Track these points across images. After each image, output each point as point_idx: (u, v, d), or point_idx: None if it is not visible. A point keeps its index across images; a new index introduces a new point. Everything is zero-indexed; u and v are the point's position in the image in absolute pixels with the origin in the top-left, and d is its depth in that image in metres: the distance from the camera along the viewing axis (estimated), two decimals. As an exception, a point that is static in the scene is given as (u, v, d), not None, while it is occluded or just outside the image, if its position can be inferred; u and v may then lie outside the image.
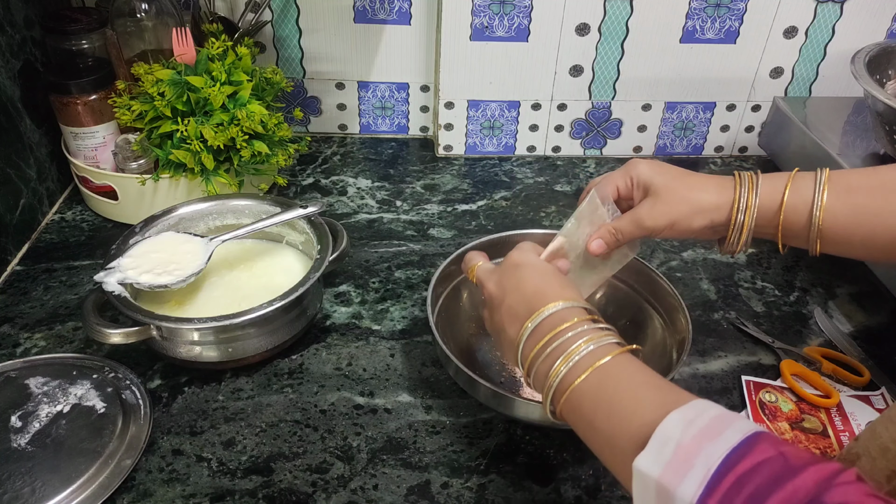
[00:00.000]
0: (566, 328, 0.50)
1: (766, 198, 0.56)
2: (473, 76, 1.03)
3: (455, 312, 0.75)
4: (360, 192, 1.01)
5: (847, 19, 1.01)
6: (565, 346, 0.49)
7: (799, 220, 0.55)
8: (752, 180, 0.56)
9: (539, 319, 0.51)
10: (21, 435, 0.62)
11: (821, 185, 0.53)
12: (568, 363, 0.48)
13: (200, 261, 0.73)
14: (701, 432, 0.38)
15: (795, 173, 0.55)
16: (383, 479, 0.62)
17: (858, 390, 0.72)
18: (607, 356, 0.47)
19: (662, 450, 0.39)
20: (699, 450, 0.37)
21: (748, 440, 0.36)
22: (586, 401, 0.47)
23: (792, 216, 0.55)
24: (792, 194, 0.55)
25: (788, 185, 0.55)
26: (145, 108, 0.84)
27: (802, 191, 0.54)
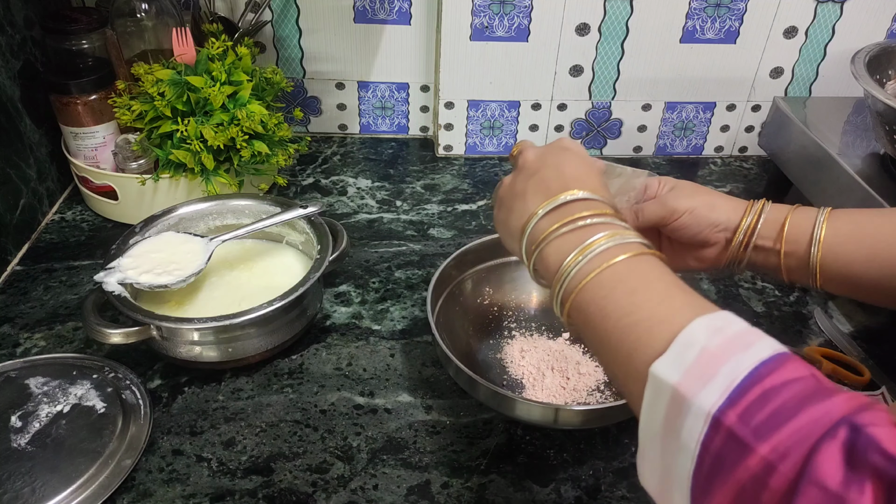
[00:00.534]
0: (590, 215, 0.45)
1: (771, 216, 0.56)
2: (473, 76, 1.03)
3: (455, 312, 0.75)
4: (360, 192, 1.01)
5: (847, 19, 1.01)
6: (584, 235, 0.44)
7: (801, 239, 0.54)
8: (762, 202, 0.57)
9: (566, 199, 0.46)
10: (21, 435, 0.62)
11: (823, 211, 0.54)
12: (585, 255, 0.43)
13: (200, 261, 0.73)
14: (729, 340, 0.35)
15: (798, 206, 0.57)
16: (383, 479, 0.62)
17: (858, 390, 0.72)
18: (628, 253, 0.42)
19: (684, 354, 0.35)
20: (725, 358, 0.34)
21: (779, 356, 0.34)
22: (600, 298, 0.42)
23: (794, 232, 0.55)
24: (795, 213, 0.55)
25: (792, 209, 0.56)
26: (145, 108, 0.84)
27: (806, 212, 0.55)
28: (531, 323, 0.78)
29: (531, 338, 0.76)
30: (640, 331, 0.39)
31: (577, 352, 0.74)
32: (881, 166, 0.85)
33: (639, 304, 0.40)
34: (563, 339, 0.76)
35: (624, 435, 0.67)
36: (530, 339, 0.76)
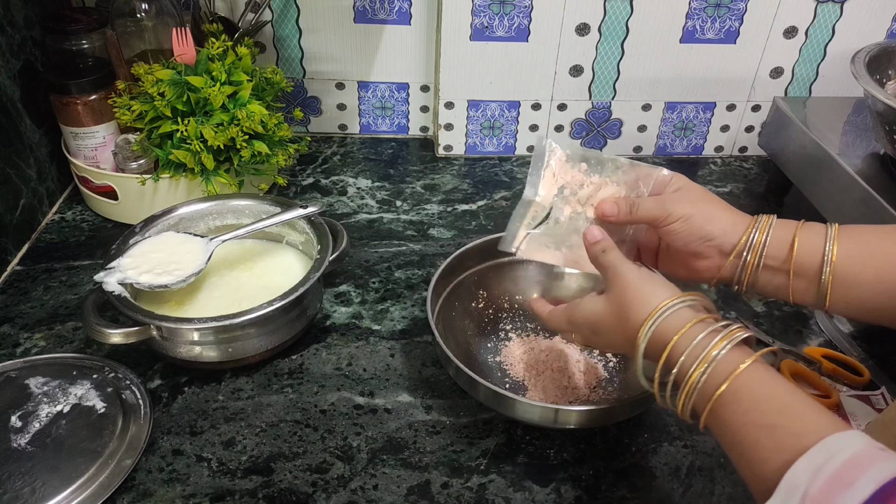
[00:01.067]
0: (678, 343, 0.48)
1: (776, 235, 0.54)
2: (473, 76, 1.03)
3: (455, 312, 0.75)
4: (360, 192, 1.01)
5: (847, 19, 1.01)
6: (694, 353, 0.47)
7: (811, 260, 0.53)
8: (768, 220, 0.55)
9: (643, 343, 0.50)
10: (21, 435, 0.62)
11: (832, 229, 0.53)
12: (704, 373, 0.46)
13: (200, 261, 0.73)
14: (830, 480, 0.36)
15: (803, 222, 0.55)
16: (383, 479, 0.62)
17: (858, 390, 0.72)
18: (741, 365, 0.45)
19: (788, 500, 0.37)
20: (828, 502, 0.35)
21: (883, 492, 0.34)
22: (722, 421, 0.45)
23: (804, 252, 0.53)
24: (803, 232, 0.53)
25: (799, 227, 0.54)
26: (145, 108, 0.84)
27: (813, 230, 0.53)
28: (531, 323, 0.78)
29: (531, 338, 0.76)
30: (752, 473, 0.42)
31: (576, 350, 0.74)
32: (881, 166, 0.85)
33: (747, 443, 0.43)
34: (559, 338, 0.76)
35: (624, 435, 0.67)
36: (530, 338, 0.76)
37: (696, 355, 0.46)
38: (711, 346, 0.46)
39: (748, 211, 0.57)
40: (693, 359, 0.47)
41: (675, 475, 0.64)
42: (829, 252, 0.52)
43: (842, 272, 0.52)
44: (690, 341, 0.47)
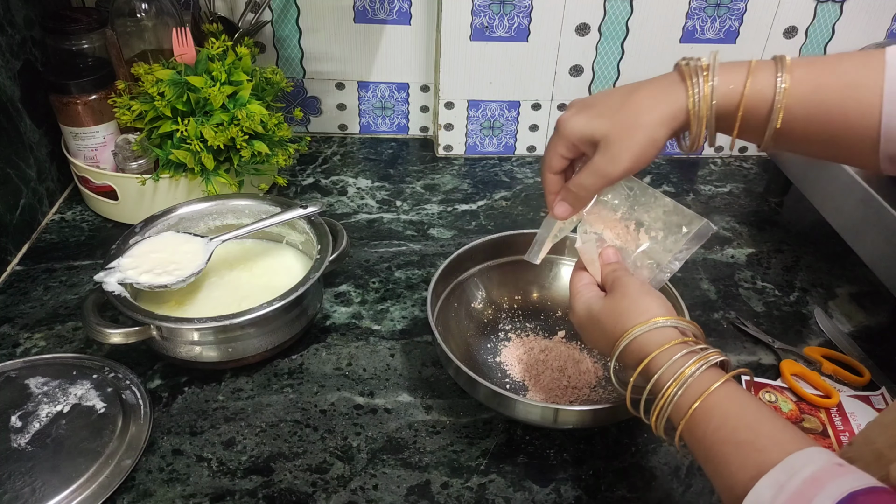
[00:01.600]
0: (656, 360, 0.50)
1: (723, 97, 0.51)
2: (473, 76, 1.03)
3: (455, 312, 0.75)
4: (360, 192, 1.01)
5: (847, 19, 1.01)
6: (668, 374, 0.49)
7: (758, 113, 0.51)
8: (706, 78, 0.51)
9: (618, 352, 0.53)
10: (21, 435, 0.62)
11: (783, 80, 0.49)
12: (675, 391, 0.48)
13: (200, 261, 0.73)
14: (791, 498, 0.38)
15: (754, 65, 0.51)
16: (383, 479, 0.62)
17: (858, 390, 0.72)
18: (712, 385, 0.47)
19: None
20: None
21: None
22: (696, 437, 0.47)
23: (750, 110, 0.51)
24: (751, 88, 0.50)
25: (750, 70, 0.50)
26: (145, 108, 0.84)
27: (762, 82, 0.50)
28: (531, 323, 0.78)
29: (531, 338, 0.76)
30: (721, 478, 0.44)
31: (575, 349, 0.74)
32: (881, 166, 0.85)
33: (717, 460, 0.45)
34: (558, 338, 0.76)
35: (624, 435, 0.67)
36: (530, 338, 0.76)
37: (673, 372, 0.49)
38: (687, 366, 0.48)
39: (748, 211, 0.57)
40: (669, 375, 0.49)
41: (675, 475, 0.64)
42: (782, 84, 0.49)
43: (788, 127, 0.50)
44: (669, 358, 0.49)
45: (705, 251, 0.92)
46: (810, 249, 0.93)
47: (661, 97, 0.52)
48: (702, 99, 0.51)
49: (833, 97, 0.49)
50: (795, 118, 0.50)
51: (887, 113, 0.47)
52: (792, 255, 0.92)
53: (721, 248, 0.93)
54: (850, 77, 0.48)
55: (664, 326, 0.52)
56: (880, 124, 0.47)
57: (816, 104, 0.49)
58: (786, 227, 0.97)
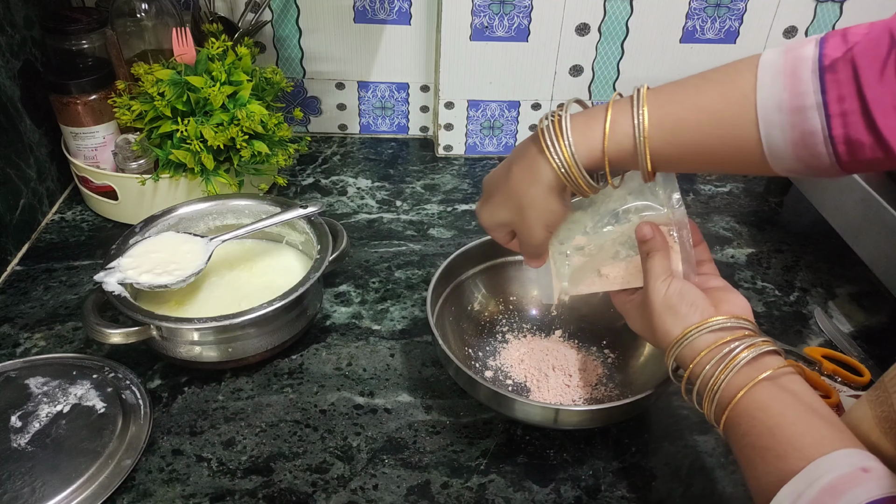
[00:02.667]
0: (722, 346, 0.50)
1: (586, 158, 0.51)
2: (473, 76, 1.03)
3: (455, 312, 0.75)
4: (360, 192, 1.01)
5: (847, 19, 1.01)
6: (722, 361, 0.50)
7: (624, 157, 0.50)
8: (561, 140, 0.51)
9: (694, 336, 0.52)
10: (21, 435, 0.62)
11: (640, 127, 0.49)
12: (726, 373, 0.49)
13: (200, 261, 0.73)
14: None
15: (612, 105, 0.50)
16: (383, 479, 0.62)
17: (858, 390, 0.72)
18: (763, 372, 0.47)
19: None
20: None
21: None
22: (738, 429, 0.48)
23: (617, 156, 0.50)
24: (611, 142, 0.50)
25: (606, 135, 0.50)
26: (145, 108, 0.84)
27: (621, 131, 0.50)
28: (531, 323, 0.78)
29: (531, 338, 0.76)
30: (750, 482, 0.46)
31: (575, 348, 0.74)
32: (881, 166, 0.85)
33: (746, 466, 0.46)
34: (556, 337, 0.76)
35: (624, 435, 0.67)
36: (530, 339, 0.76)
37: (705, 384, 0.50)
38: (713, 378, 0.49)
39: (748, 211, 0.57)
40: (703, 387, 0.50)
41: (675, 475, 0.64)
42: (641, 134, 0.49)
43: (660, 163, 0.50)
44: (701, 369, 0.50)
45: (705, 251, 0.92)
46: (810, 249, 0.93)
47: (532, 173, 0.53)
48: (567, 165, 0.51)
49: (695, 136, 0.48)
50: (665, 156, 0.50)
51: (767, 136, 0.46)
52: (792, 255, 0.92)
53: (721, 248, 0.93)
54: (712, 114, 0.47)
55: (692, 340, 0.52)
56: (761, 146, 0.46)
57: (680, 143, 0.49)
58: (786, 227, 0.97)
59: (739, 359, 0.48)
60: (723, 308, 0.53)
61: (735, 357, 0.49)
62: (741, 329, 0.51)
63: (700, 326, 0.51)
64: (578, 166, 0.51)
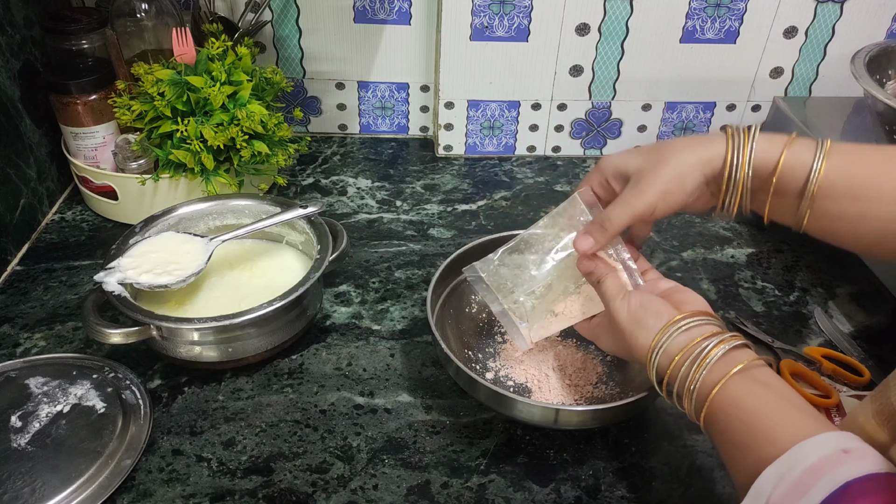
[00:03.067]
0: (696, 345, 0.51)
1: (762, 154, 0.51)
2: (473, 76, 1.03)
3: (455, 312, 0.75)
4: (360, 192, 1.01)
5: (847, 19, 1.01)
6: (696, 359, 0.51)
7: (793, 185, 0.51)
8: (746, 134, 0.52)
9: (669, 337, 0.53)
10: (21, 435, 0.62)
11: (821, 153, 0.50)
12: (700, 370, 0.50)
13: (200, 261, 0.73)
14: (790, 489, 0.38)
15: (794, 136, 0.51)
16: (383, 479, 0.62)
17: (858, 390, 0.72)
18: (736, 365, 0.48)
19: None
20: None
21: (833, 497, 0.36)
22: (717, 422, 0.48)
23: (787, 177, 0.51)
24: (790, 154, 0.50)
25: (787, 144, 0.51)
26: (145, 108, 0.84)
27: (801, 153, 0.50)
28: (531, 323, 0.78)
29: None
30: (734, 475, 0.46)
31: (574, 348, 0.74)
32: (881, 166, 0.85)
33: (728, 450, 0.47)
34: (556, 337, 0.76)
35: (624, 435, 0.67)
36: (530, 339, 0.76)
37: (683, 386, 0.51)
38: (689, 379, 0.50)
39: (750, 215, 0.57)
40: (681, 389, 0.51)
41: (675, 475, 0.64)
42: (812, 186, 0.50)
43: (824, 206, 0.50)
44: (678, 372, 0.51)
45: (705, 251, 0.92)
46: (810, 249, 0.93)
47: (698, 144, 0.54)
48: (741, 151, 0.52)
49: (868, 168, 0.49)
50: (830, 190, 0.50)
51: None
52: (792, 255, 0.92)
53: (721, 248, 0.93)
54: (887, 152, 0.49)
55: (662, 350, 0.52)
56: None
57: (852, 175, 0.50)
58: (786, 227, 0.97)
59: (711, 356, 0.49)
60: (684, 308, 0.54)
61: (707, 355, 0.49)
62: (708, 325, 0.52)
63: (667, 331, 0.52)
64: (750, 160, 0.51)
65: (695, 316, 0.52)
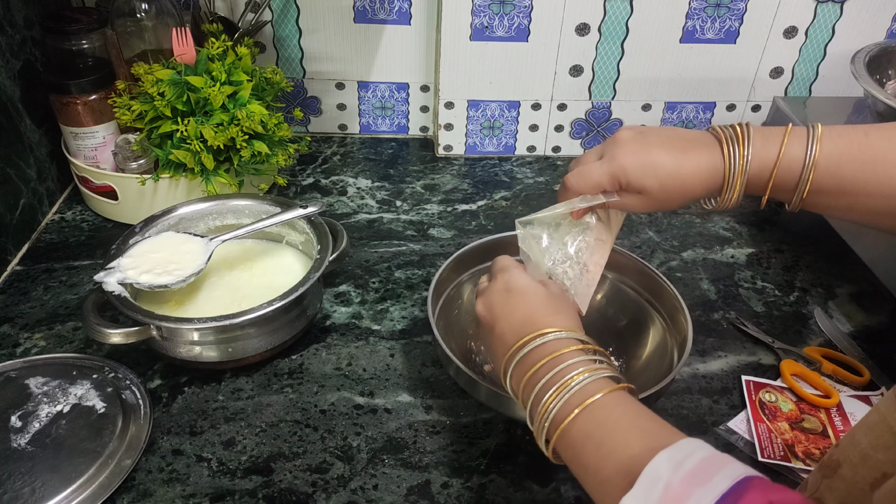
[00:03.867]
0: (554, 359, 0.48)
1: (758, 159, 0.53)
2: (473, 76, 1.03)
3: (455, 313, 0.75)
4: (360, 192, 1.01)
5: (847, 19, 1.01)
6: (555, 379, 0.47)
7: (788, 181, 0.53)
8: (742, 138, 0.53)
9: (526, 350, 0.50)
10: (21, 435, 0.62)
11: (811, 159, 0.51)
12: (559, 399, 0.46)
13: (200, 261, 0.73)
14: (690, 474, 0.37)
15: (790, 131, 0.53)
16: (383, 479, 0.62)
17: (858, 390, 0.72)
18: (598, 393, 0.45)
19: (650, 491, 0.38)
20: (688, 495, 0.36)
21: (737, 487, 0.36)
22: (577, 438, 0.45)
23: (783, 177, 0.53)
24: (783, 163, 0.53)
25: (784, 144, 0.52)
26: (145, 108, 0.84)
27: (792, 160, 0.52)
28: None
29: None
30: (610, 466, 0.42)
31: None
32: (881, 166, 0.85)
33: (605, 442, 0.43)
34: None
35: (624, 435, 0.67)
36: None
37: (553, 383, 0.48)
38: (572, 376, 0.47)
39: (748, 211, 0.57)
40: (554, 382, 0.48)
41: (675, 475, 0.64)
42: (808, 174, 0.51)
43: (815, 197, 0.52)
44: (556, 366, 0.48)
45: (705, 251, 0.92)
46: (810, 249, 0.93)
47: (703, 163, 0.54)
48: (737, 167, 0.53)
49: (856, 172, 0.51)
50: (823, 187, 0.52)
51: None
52: (792, 255, 0.92)
53: (721, 248, 0.93)
54: (876, 153, 0.51)
55: (552, 340, 0.50)
56: None
57: (840, 176, 0.51)
58: (786, 227, 0.97)
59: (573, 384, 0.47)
60: None
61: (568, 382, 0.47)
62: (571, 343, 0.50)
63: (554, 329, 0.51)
64: (746, 170, 0.53)
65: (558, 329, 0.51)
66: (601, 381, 0.47)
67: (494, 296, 0.56)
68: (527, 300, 0.54)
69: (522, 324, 0.52)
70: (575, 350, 0.49)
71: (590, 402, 0.45)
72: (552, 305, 0.53)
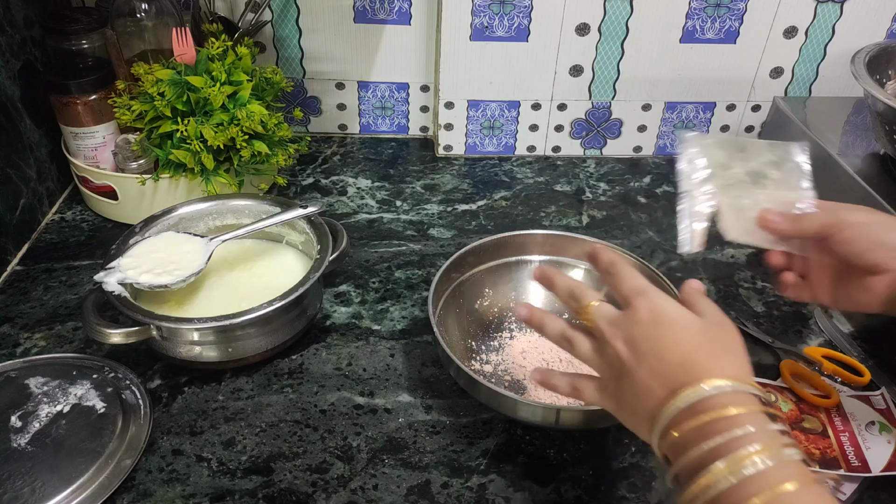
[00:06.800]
0: (725, 420, 0.39)
1: None
2: (473, 76, 1.03)
3: (456, 312, 0.75)
4: (360, 192, 1.01)
5: (847, 19, 1.01)
6: (731, 447, 0.38)
7: None
8: None
9: (692, 399, 0.41)
10: (21, 435, 0.62)
11: None
12: (735, 474, 0.37)
13: (200, 261, 0.73)
14: None
15: None
16: (383, 479, 0.62)
17: (858, 390, 0.72)
18: (789, 482, 0.36)
19: None
20: None
21: None
22: None
23: None
24: None
25: None
26: (145, 108, 0.84)
27: None
28: (531, 323, 0.78)
29: (531, 338, 0.76)
30: None
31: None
32: (881, 166, 0.86)
33: None
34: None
35: (624, 435, 0.67)
36: (530, 339, 0.76)
37: (728, 451, 0.39)
38: (753, 451, 0.38)
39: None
40: (721, 453, 0.39)
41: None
42: None
43: None
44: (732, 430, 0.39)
45: (705, 251, 0.92)
46: (810, 249, 0.92)
47: None
48: None
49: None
50: None
51: None
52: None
53: (721, 247, 0.93)
54: None
55: (728, 392, 0.41)
56: None
57: None
58: (786, 227, 0.97)
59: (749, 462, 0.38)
60: None
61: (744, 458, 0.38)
62: None
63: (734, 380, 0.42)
64: None
65: None
66: (792, 466, 0.38)
67: (637, 329, 0.45)
68: (682, 336, 0.44)
69: (679, 366, 0.43)
70: (754, 413, 0.40)
71: (781, 492, 0.36)
72: (716, 343, 0.44)
